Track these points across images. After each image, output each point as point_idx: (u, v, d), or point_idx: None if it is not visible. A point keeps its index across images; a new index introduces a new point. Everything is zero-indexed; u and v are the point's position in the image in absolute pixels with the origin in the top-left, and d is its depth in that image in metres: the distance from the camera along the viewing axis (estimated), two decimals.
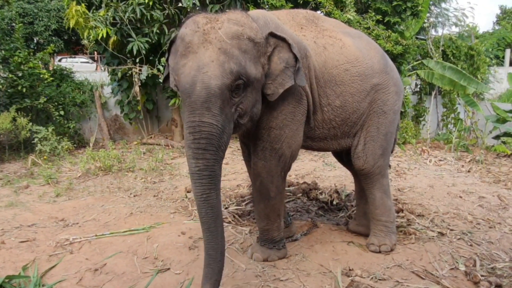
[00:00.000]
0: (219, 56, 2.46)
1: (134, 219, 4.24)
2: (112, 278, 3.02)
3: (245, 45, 2.57)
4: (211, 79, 2.40)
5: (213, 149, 2.44)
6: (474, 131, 9.51)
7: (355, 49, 3.26)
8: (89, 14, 7.46)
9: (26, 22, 14.76)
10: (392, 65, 3.56)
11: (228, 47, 2.49)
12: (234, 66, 2.47)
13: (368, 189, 3.53)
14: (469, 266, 3.20)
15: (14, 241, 3.68)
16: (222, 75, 2.43)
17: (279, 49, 2.79)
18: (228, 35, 2.52)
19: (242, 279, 2.98)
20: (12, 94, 7.94)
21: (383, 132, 3.39)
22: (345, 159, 3.88)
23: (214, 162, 2.45)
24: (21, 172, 6.41)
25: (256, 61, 2.66)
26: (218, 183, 2.51)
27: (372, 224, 3.57)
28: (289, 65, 2.79)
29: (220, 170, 2.53)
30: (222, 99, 2.44)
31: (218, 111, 2.43)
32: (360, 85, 3.22)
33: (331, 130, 3.28)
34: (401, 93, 3.56)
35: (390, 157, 3.74)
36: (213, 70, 2.42)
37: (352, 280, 2.91)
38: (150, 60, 8.16)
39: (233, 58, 2.48)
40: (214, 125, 2.42)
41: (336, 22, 3.62)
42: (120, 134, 9.50)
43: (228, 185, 5.54)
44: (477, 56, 9.98)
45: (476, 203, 4.85)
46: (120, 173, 6.24)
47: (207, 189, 2.44)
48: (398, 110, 3.53)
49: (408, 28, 9.11)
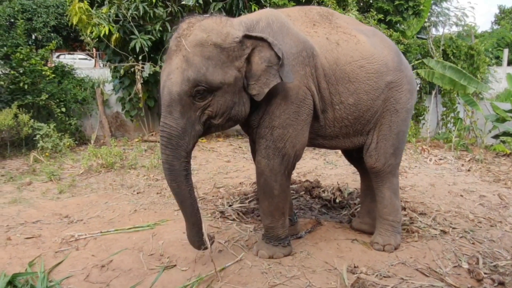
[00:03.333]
0: (182, 63, 2.69)
1: (138, 216, 4.26)
2: (119, 274, 3.05)
3: (208, 52, 2.71)
4: (173, 85, 2.69)
5: (172, 147, 2.76)
6: (473, 130, 9.54)
7: (370, 46, 3.24)
8: (92, 11, 7.46)
9: (25, 18, 14.71)
10: (406, 62, 3.53)
11: (190, 55, 2.69)
12: (191, 74, 2.66)
13: (378, 188, 3.53)
14: (472, 264, 3.24)
15: (20, 237, 3.71)
16: (181, 82, 2.67)
17: (259, 49, 2.84)
18: (192, 42, 2.71)
19: (248, 276, 3.00)
20: (14, 91, 7.94)
21: (395, 131, 3.38)
22: (355, 156, 3.84)
23: (173, 158, 2.78)
24: (23, 169, 6.42)
25: (226, 66, 2.76)
26: (178, 176, 2.82)
27: (378, 223, 3.58)
28: (271, 63, 2.83)
29: (180, 166, 2.81)
30: (182, 104, 2.71)
31: (178, 115, 2.72)
32: (375, 82, 3.20)
33: (343, 129, 3.27)
34: (414, 91, 3.53)
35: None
36: (176, 77, 2.69)
37: (358, 277, 2.94)
38: (152, 57, 8.17)
39: (192, 66, 2.68)
40: (174, 127, 2.73)
41: (351, 20, 3.60)
42: (121, 131, 9.49)
43: (231, 182, 5.57)
44: (477, 55, 10.00)
45: (477, 202, 4.89)
46: (123, 170, 6.25)
47: (168, 179, 2.86)
48: (411, 108, 3.49)
49: (409, 27, 9.16)
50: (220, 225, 3.98)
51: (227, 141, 8.85)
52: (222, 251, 3.42)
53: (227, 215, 4.22)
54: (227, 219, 4.15)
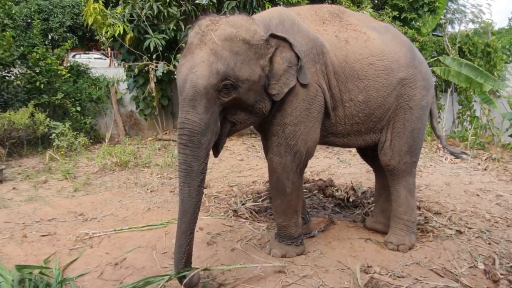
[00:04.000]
0: (209, 57, 2.60)
1: (152, 215, 4.28)
2: (132, 272, 3.06)
3: (237, 47, 2.68)
4: (199, 78, 2.55)
5: (193, 146, 2.57)
6: (490, 128, 9.40)
7: (380, 43, 3.21)
8: (106, 12, 7.54)
9: (41, 18, 14.91)
10: (421, 58, 3.46)
11: (219, 49, 2.62)
12: (221, 67, 2.58)
13: (393, 186, 3.50)
14: (488, 264, 3.18)
15: (35, 235, 3.76)
16: (209, 75, 2.56)
17: (281, 49, 2.86)
18: (221, 37, 2.65)
19: (260, 275, 2.99)
20: (30, 90, 8.08)
21: (409, 129, 3.33)
22: (370, 153, 3.80)
23: (192, 159, 2.58)
24: (39, 167, 6.52)
25: (252, 63, 2.74)
26: (194, 179, 2.60)
27: (392, 222, 3.54)
28: (291, 64, 2.86)
29: (199, 167, 2.62)
30: (207, 98, 2.58)
31: (203, 110, 2.57)
32: (386, 79, 3.17)
33: (354, 126, 3.25)
34: (430, 87, 3.45)
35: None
36: (202, 70, 2.57)
37: (371, 277, 2.91)
38: (166, 56, 8.21)
39: (222, 59, 2.60)
40: (197, 123, 2.56)
41: (364, 17, 3.57)
42: (135, 130, 9.57)
43: (244, 181, 5.57)
44: (493, 53, 9.84)
45: (493, 202, 4.81)
46: (137, 168, 6.30)
47: (181, 182, 2.61)
48: (426, 105, 3.41)
49: (424, 25, 9.04)
50: (233, 224, 3.98)
51: (241, 139, 8.86)
52: (234, 250, 3.41)
53: (240, 214, 4.22)
54: (240, 218, 4.15)
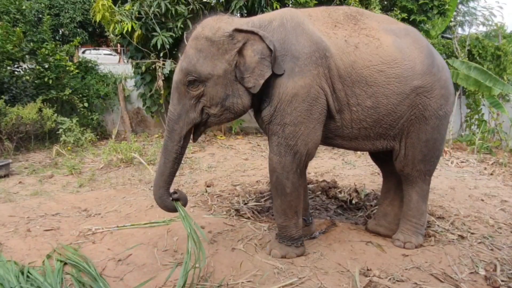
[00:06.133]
0: (182, 55, 3.08)
1: (155, 212, 4.30)
2: (133, 269, 3.09)
3: (200, 45, 2.98)
4: (174, 75, 3.10)
5: (168, 130, 3.14)
6: (498, 133, 9.30)
7: (394, 50, 3.11)
8: (115, 9, 7.57)
9: (52, 14, 15.01)
10: (441, 64, 3.33)
11: (187, 48, 3.05)
12: (184, 64, 3.00)
13: (406, 190, 3.52)
14: (489, 270, 3.16)
15: (39, 229, 3.80)
16: (177, 72, 3.06)
17: (251, 42, 2.96)
18: (192, 36, 3.05)
19: (260, 275, 3.00)
20: (39, 85, 8.15)
21: (424, 139, 3.27)
22: (382, 156, 3.75)
23: (168, 139, 3.14)
24: (45, 162, 6.58)
25: (216, 58, 2.96)
26: (168, 155, 3.15)
27: (401, 222, 3.58)
28: (264, 55, 2.93)
29: (173, 148, 3.13)
30: (178, 92, 3.06)
31: (176, 101, 3.08)
32: (397, 87, 3.09)
33: (362, 131, 3.22)
34: (450, 95, 3.34)
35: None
36: (176, 67, 3.11)
37: (370, 281, 2.91)
38: (174, 54, 8.24)
39: (187, 58, 3.01)
40: (171, 112, 3.11)
41: (385, 18, 3.42)
42: (141, 127, 9.63)
43: (248, 180, 5.58)
44: (504, 56, 9.73)
45: (498, 207, 4.77)
46: (142, 165, 6.33)
47: (161, 154, 3.23)
48: (444, 115, 3.30)
49: (434, 27, 8.97)
50: (234, 223, 4.00)
51: (246, 138, 8.87)
52: (235, 249, 3.43)
53: (242, 213, 4.24)
54: (242, 217, 4.16)
